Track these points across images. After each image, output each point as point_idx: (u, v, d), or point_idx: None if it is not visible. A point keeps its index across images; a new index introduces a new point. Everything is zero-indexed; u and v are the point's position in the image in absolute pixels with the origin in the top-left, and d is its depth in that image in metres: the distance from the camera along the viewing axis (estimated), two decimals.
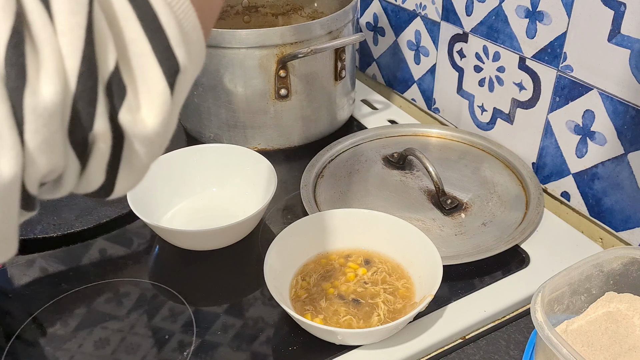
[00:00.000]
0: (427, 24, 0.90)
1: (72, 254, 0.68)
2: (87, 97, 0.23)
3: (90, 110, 0.23)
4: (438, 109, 0.94)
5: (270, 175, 0.70)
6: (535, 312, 0.47)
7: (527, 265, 0.64)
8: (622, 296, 0.53)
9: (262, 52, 0.77)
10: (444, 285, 0.56)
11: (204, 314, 0.60)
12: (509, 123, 0.81)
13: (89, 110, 0.23)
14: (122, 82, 0.24)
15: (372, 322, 0.56)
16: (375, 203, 0.73)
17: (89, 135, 0.24)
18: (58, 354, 0.56)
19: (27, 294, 0.63)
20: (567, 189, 0.74)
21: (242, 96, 0.81)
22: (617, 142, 0.65)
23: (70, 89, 0.22)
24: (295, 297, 0.59)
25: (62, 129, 0.23)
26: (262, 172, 0.72)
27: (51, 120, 0.22)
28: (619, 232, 0.68)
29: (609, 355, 0.49)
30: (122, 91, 0.24)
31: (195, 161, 0.76)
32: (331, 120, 0.89)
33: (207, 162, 0.76)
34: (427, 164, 0.72)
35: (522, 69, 0.75)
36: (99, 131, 0.24)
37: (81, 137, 0.24)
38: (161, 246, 0.70)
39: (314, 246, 0.64)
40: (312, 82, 0.82)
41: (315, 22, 0.78)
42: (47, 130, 0.22)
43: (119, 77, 0.24)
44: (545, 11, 0.69)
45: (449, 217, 0.70)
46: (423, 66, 0.94)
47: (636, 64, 0.61)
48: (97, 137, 0.24)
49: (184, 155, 0.75)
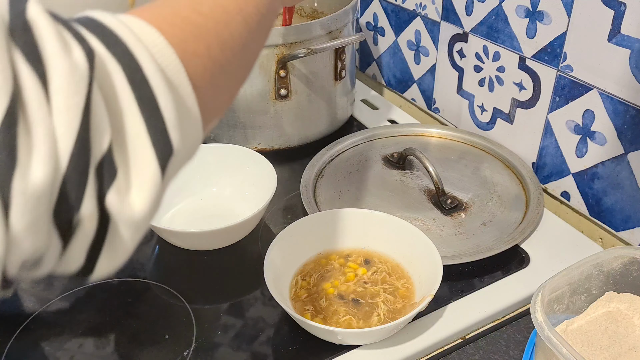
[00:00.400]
0: (427, 23, 0.90)
1: None
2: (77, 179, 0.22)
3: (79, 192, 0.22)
4: (438, 109, 0.94)
5: (271, 175, 0.70)
6: (535, 312, 0.47)
7: (527, 265, 0.64)
8: (622, 296, 0.53)
9: (262, 52, 0.77)
10: (443, 285, 0.56)
11: (204, 313, 0.60)
12: (509, 123, 0.81)
13: (77, 192, 0.22)
14: (114, 164, 0.23)
15: (372, 322, 0.56)
16: (375, 203, 0.73)
17: (75, 216, 0.23)
18: (58, 354, 0.56)
19: (27, 294, 0.63)
20: (567, 189, 0.74)
21: (242, 96, 0.81)
22: (617, 141, 0.65)
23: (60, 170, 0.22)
24: (295, 297, 0.59)
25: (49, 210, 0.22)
26: (263, 172, 0.72)
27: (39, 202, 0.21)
28: (619, 232, 0.68)
29: (609, 355, 0.49)
30: (113, 172, 0.23)
31: (195, 161, 0.75)
32: (331, 120, 0.89)
33: (207, 162, 0.76)
34: (427, 163, 0.72)
35: (522, 69, 0.75)
36: (85, 213, 0.23)
37: (66, 219, 0.23)
38: (161, 246, 0.69)
39: (314, 246, 0.64)
40: (312, 82, 0.82)
41: (316, 22, 0.78)
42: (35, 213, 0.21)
43: (111, 158, 0.23)
44: (545, 11, 0.69)
45: (449, 217, 0.70)
46: (423, 66, 0.94)
47: (636, 64, 0.61)
48: (81, 220, 0.23)
49: None
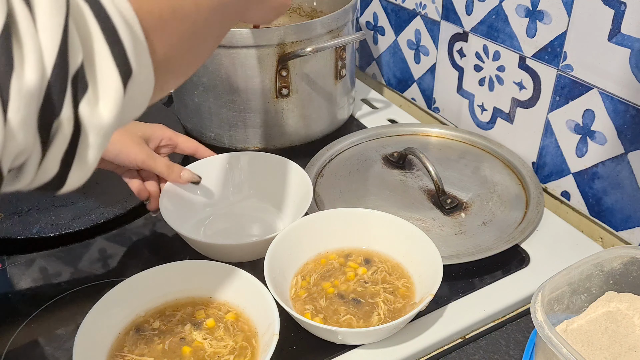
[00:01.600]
0: (427, 23, 0.90)
1: (72, 254, 0.68)
2: (58, 86, 0.27)
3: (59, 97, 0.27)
4: (438, 109, 0.94)
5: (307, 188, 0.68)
6: (535, 312, 0.47)
7: (527, 265, 0.64)
8: (622, 296, 0.53)
9: (262, 51, 0.77)
10: (444, 284, 0.56)
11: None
12: (509, 122, 0.81)
13: (59, 97, 0.27)
14: (85, 78, 0.28)
15: (372, 321, 0.56)
16: (375, 202, 0.73)
17: (55, 121, 0.28)
18: (58, 353, 0.56)
19: (26, 293, 0.63)
20: (567, 189, 0.74)
21: (242, 95, 0.81)
22: (617, 141, 0.65)
23: (46, 76, 0.27)
24: (296, 297, 0.59)
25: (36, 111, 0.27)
26: (298, 183, 0.70)
27: (31, 101, 0.26)
28: (619, 231, 0.68)
29: (609, 355, 0.49)
30: (84, 86, 0.28)
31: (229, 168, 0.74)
32: (331, 119, 0.89)
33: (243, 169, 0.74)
34: (427, 163, 0.72)
35: (522, 68, 0.75)
36: (64, 117, 0.28)
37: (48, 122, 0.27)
38: (162, 246, 0.70)
39: (314, 245, 0.64)
40: (312, 81, 0.82)
41: (316, 21, 0.78)
42: (27, 109, 0.26)
43: (84, 73, 0.28)
44: (545, 10, 0.69)
45: (449, 217, 0.70)
46: (423, 65, 0.94)
47: (636, 63, 0.61)
48: (61, 124, 0.28)
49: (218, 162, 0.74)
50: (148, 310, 0.57)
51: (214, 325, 0.56)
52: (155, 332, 0.55)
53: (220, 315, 0.57)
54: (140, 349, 0.53)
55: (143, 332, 0.55)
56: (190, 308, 0.57)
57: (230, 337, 0.55)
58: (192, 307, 0.57)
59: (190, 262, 0.59)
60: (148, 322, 0.56)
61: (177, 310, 0.57)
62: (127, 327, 0.55)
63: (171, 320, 0.56)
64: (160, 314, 0.57)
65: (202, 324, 0.56)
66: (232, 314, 0.57)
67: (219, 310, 0.57)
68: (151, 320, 0.56)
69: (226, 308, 0.57)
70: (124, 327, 0.55)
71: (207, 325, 0.56)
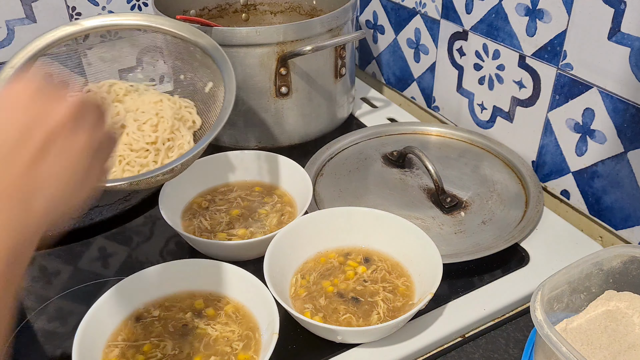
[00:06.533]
0: (426, 21, 0.90)
1: (72, 253, 0.68)
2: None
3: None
4: (438, 107, 0.94)
5: (306, 187, 0.69)
6: (534, 311, 0.47)
7: (527, 264, 0.64)
8: (622, 294, 0.53)
9: (262, 50, 0.77)
10: (443, 283, 0.56)
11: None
12: (508, 121, 0.81)
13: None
14: None
15: (372, 320, 0.56)
16: (374, 201, 0.73)
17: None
18: (58, 352, 0.56)
19: (26, 292, 0.63)
20: (566, 187, 0.74)
21: (242, 94, 0.81)
22: (617, 140, 0.65)
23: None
24: (295, 296, 0.59)
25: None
26: (298, 182, 0.71)
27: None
28: (618, 230, 0.68)
29: (609, 354, 0.49)
30: None
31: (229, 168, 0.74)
32: (331, 118, 0.89)
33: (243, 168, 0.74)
34: (427, 162, 0.72)
35: (522, 67, 0.75)
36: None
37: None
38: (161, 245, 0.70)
39: (314, 244, 0.64)
40: (312, 79, 0.82)
41: (316, 20, 0.78)
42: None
43: None
44: (545, 9, 0.69)
45: (449, 216, 0.70)
46: (423, 64, 0.94)
47: (636, 62, 0.61)
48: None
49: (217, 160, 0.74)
50: (147, 303, 0.58)
51: (214, 314, 0.56)
52: (155, 318, 0.56)
53: (220, 306, 0.57)
54: (136, 334, 0.54)
55: (143, 320, 0.56)
56: (189, 300, 0.58)
57: (234, 323, 0.55)
58: (191, 300, 0.58)
59: (189, 261, 0.59)
60: (148, 312, 0.57)
61: (176, 302, 0.58)
62: (126, 321, 0.56)
63: (171, 310, 0.57)
64: (160, 305, 0.58)
65: (202, 311, 0.57)
66: (232, 306, 0.57)
67: (218, 302, 0.58)
68: (151, 309, 0.57)
69: (226, 301, 0.58)
70: (123, 323, 0.55)
71: (207, 313, 0.56)
